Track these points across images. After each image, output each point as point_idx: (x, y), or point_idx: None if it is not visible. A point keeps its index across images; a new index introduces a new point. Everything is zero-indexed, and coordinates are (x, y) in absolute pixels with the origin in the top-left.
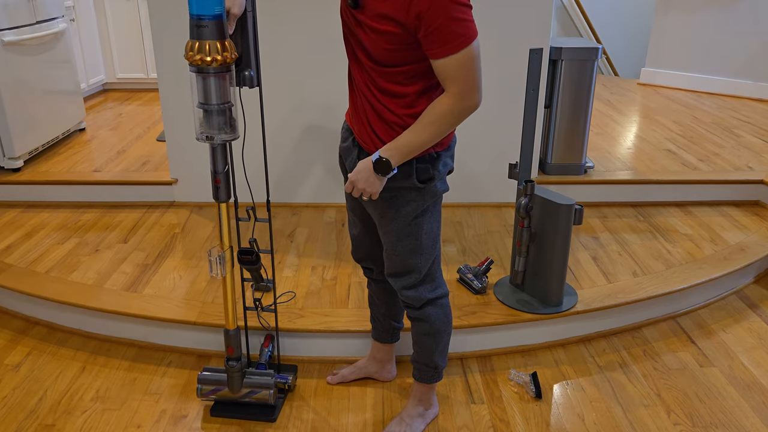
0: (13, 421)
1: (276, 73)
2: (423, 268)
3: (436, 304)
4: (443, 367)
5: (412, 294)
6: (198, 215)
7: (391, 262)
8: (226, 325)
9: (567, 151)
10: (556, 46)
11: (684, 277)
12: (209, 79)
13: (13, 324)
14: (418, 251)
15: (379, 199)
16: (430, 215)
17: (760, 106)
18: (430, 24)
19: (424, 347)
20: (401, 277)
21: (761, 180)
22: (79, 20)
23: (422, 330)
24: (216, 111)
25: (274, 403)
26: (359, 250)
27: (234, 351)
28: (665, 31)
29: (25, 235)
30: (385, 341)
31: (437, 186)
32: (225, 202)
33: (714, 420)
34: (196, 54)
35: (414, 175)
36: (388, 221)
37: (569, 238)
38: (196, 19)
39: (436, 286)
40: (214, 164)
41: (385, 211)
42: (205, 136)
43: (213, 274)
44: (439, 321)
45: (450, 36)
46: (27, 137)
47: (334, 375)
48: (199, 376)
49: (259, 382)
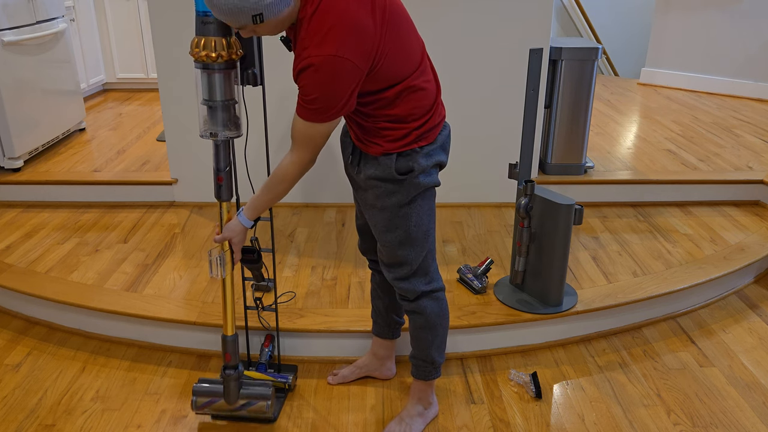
0: (13, 421)
1: (279, 72)
2: (414, 260)
3: (431, 297)
4: (440, 363)
5: (406, 286)
6: (198, 215)
7: (381, 253)
8: (224, 331)
9: (567, 151)
10: (556, 46)
11: (684, 277)
12: (214, 76)
13: (13, 324)
14: (408, 243)
15: (366, 191)
16: (419, 208)
17: (760, 106)
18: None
19: (421, 342)
20: (393, 268)
21: (761, 180)
22: (79, 20)
23: (418, 324)
24: (221, 107)
25: (273, 416)
26: (364, 242)
27: (231, 358)
28: (665, 30)
29: (25, 235)
30: (386, 336)
31: (420, 178)
32: (227, 201)
33: (714, 420)
34: (201, 50)
35: (393, 167)
36: (375, 212)
37: (569, 238)
38: (202, 15)
39: (431, 279)
40: (217, 162)
41: (372, 202)
42: (210, 132)
43: (213, 275)
44: (435, 314)
45: (301, 102)
46: (27, 137)
47: (334, 375)
48: (194, 388)
49: (257, 392)
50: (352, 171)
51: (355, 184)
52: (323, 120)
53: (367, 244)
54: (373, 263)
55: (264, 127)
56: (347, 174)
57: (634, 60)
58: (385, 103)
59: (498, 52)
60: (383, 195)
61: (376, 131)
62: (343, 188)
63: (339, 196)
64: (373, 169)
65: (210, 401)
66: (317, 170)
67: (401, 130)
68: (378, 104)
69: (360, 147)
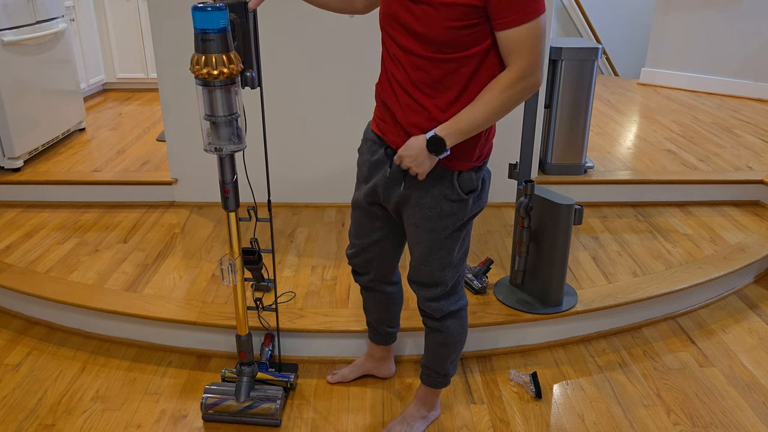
0: (13, 421)
1: (276, 73)
2: (450, 281)
3: (456, 316)
4: (452, 374)
5: (434, 306)
6: (198, 215)
7: (418, 272)
8: (238, 331)
9: (567, 151)
10: (556, 46)
11: (684, 277)
12: (215, 92)
13: (13, 324)
14: (449, 265)
15: (419, 208)
16: (467, 230)
17: (760, 106)
18: None
19: (438, 356)
20: (427, 288)
21: (761, 180)
22: (79, 20)
23: (438, 340)
24: (223, 123)
25: (279, 419)
26: (357, 256)
27: (246, 356)
28: (665, 31)
29: (25, 235)
30: (381, 343)
31: (481, 199)
32: (234, 211)
33: (714, 420)
34: (202, 68)
35: (456, 185)
36: (424, 232)
37: (569, 238)
38: (201, 33)
39: (459, 298)
40: (223, 174)
41: (420, 222)
42: (214, 147)
43: (225, 282)
44: (457, 333)
45: (523, 4)
46: (27, 137)
47: (333, 374)
48: (206, 387)
49: (266, 394)
50: (395, 188)
51: (396, 201)
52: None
53: (360, 257)
54: (362, 277)
55: (262, 127)
56: (374, 191)
57: (634, 60)
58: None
59: None
60: (438, 216)
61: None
62: (343, 188)
63: (339, 196)
64: (430, 186)
65: (219, 401)
66: (317, 170)
67: (486, 141)
68: (462, 63)
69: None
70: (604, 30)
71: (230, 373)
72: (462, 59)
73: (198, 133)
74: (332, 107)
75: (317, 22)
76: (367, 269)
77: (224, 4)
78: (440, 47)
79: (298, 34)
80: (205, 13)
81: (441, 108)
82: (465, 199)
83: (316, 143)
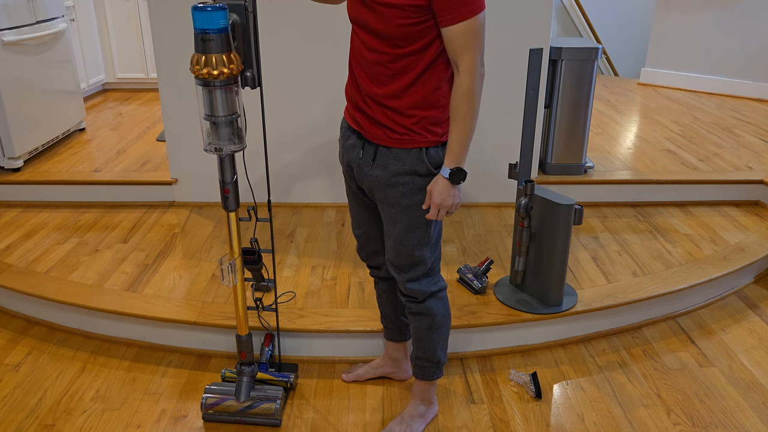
0: (13, 421)
1: (276, 73)
2: (429, 260)
3: (437, 297)
4: (444, 362)
5: (416, 287)
6: (198, 215)
7: (398, 253)
8: (238, 331)
9: (567, 151)
10: (556, 46)
11: (684, 277)
12: (215, 92)
13: (13, 324)
14: (426, 243)
15: (387, 188)
16: None
17: (760, 106)
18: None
19: (427, 342)
20: (407, 270)
21: (761, 180)
22: (79, 20)
23: (424, 324)
24: (223, 123)
25: (279, 418)
26: (365, 247)
27: (246, 356)
28: (665, 30)
29: (25, 235)
30: (398, 340)
31: None
32: (234, 211)
33: (714, 420)
34: (202, 68)
35: (425, 161)
36: (399, 211)
37: (569, 238)
38: (201, 33)
39: (438, 279)
40: (223, 175)
41: (396, 200)
42: (214, 147)
43: (225, 282)
44: (441, 314)
45: (462, 4)
46: (27, 137)
47: (348, 373)
48: (207, 387)
49: (266, 394)
50: (366, 169)
51: (370, 183)
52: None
53: (369, 248)
54: (376, 270)
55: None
56: (352, 174)
57: (634, 60)
58: (445, 60)
59: (498, 52)
60: (411, 192)
61: (427, 105)
62: (343, 188)
63: (339, 196)
64: (401, 164)
65: (219, 400)
66: (317, 170)
67: (443, 112)
68: (419, 56)
69: (382, 140)
70: (604, 30)
71: (230, 373)
72: (416, 53)
73: (198, 133)
74: (333, 106)
75: (319, 21)
76: (379, 260)
77: (224, 4)
78: (396, 42)
79: (299, 33)
80: (205, 13)
81: (395, 95)
82: (434, 174)
83: (317, 142)
